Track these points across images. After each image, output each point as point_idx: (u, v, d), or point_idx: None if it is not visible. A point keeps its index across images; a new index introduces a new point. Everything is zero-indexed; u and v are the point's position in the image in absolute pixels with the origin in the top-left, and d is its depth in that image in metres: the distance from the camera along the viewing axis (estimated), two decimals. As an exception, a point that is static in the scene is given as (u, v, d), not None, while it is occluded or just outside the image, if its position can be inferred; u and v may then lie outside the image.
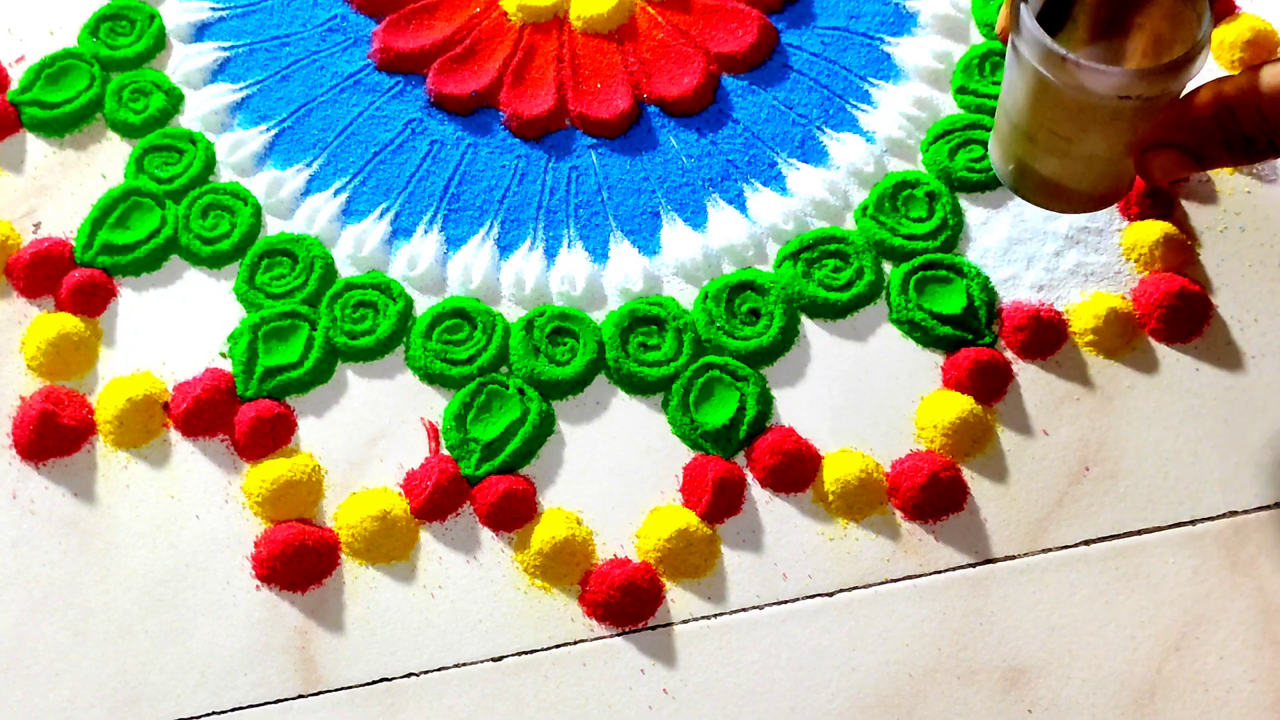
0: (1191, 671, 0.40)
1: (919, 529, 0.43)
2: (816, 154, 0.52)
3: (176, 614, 0.42)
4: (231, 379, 0.46)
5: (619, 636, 0.42)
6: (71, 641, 0.42)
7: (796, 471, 0.44)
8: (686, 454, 0.45)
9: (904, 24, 0.55)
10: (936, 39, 0.54)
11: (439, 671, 0.41)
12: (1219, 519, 0.43)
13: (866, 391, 0.46)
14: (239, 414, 0.46)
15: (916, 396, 0.45)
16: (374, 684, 0.41)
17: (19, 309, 0.49)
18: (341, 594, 0.43)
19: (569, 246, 0.50)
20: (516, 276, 0.49)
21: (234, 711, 0.41)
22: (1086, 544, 0.42)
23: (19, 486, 0.45)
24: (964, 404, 0.44)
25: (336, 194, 0.51)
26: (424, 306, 0.48)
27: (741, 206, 0.51)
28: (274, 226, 0.51)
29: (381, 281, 0.49)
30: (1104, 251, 0.48)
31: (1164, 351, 0.46)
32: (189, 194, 0.51)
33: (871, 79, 0.54)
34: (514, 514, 0.43)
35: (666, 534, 0.42)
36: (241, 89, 0.55)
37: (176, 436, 0.46)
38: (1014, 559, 0.42)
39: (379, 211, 0.51)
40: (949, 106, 0.52)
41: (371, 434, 0.46)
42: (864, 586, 0.42)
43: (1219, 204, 0.49)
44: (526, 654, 0.41)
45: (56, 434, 0.45)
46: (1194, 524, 0.43)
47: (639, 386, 0.46)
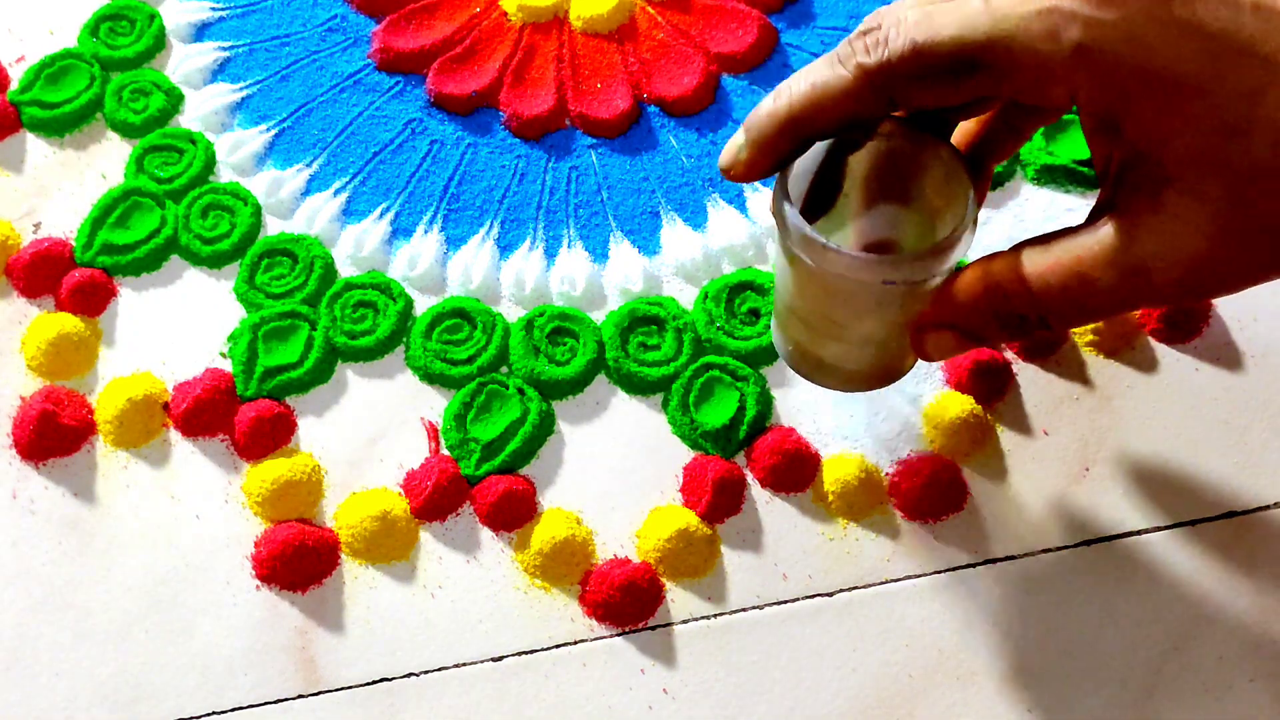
0: (1191, 671, 0.40)
1: (919, 529, 0.43)
2: (816, 154, 0.52)
3: (176, 614, 0.42)
4: (231, 379, 0.46)
5: (619, 636, 0.42)
6: (71, 641, 0.42)
7: (796, 471, 0.44)
8: (686, 454, 0.45)
9: (904, 24, 0.55)
10: (936, 39, 0.54)
11: (439, 671, 0.41)
12: (1219, 519, 0.43)
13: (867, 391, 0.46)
14: (239, 414, 0.46)
15: (917, 396, 0.45)
16: (374, 684, 0.41)
17: (19, 309, 0.49)
18: (341, 594, 0.43)
19: (569, 246, 0.50)
20: (516, 276, 0.49)
21: (234, 711, 0.41)
22: (1086, 544, 0.42)
23: (19, 486, 0.45)
24: (964, 404, 0.44)
25: (336, 194, 0.51)
26: (424, 306, 0.48)
27: (741, 206, 0.51)
28: (274, 226, 0.51)
29: (381, 281, 0.49)
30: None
31: (1164, 351, 0.46)
32: (189, 194, 0.51)
33: (871, 79, 0.54)
34: (514, 514, 0.43)
35: (666, 534, 0.42)
36: (241, 89, 0.55)
37: (176, 436, 0.46)
38: (1014, 559, 0.42)
39: (379, 211, 0.51)
40: (949, 106, 0.52)
41: (371, 434, 0.46)
42: (864, 586, 0.42)
43: (1219, 204, 0.49)
44: (526, 654, 0.41)
45: (56, 434, 0.45)
46: (1194, 524, 0.43)
47: (639, 386, 0.46)
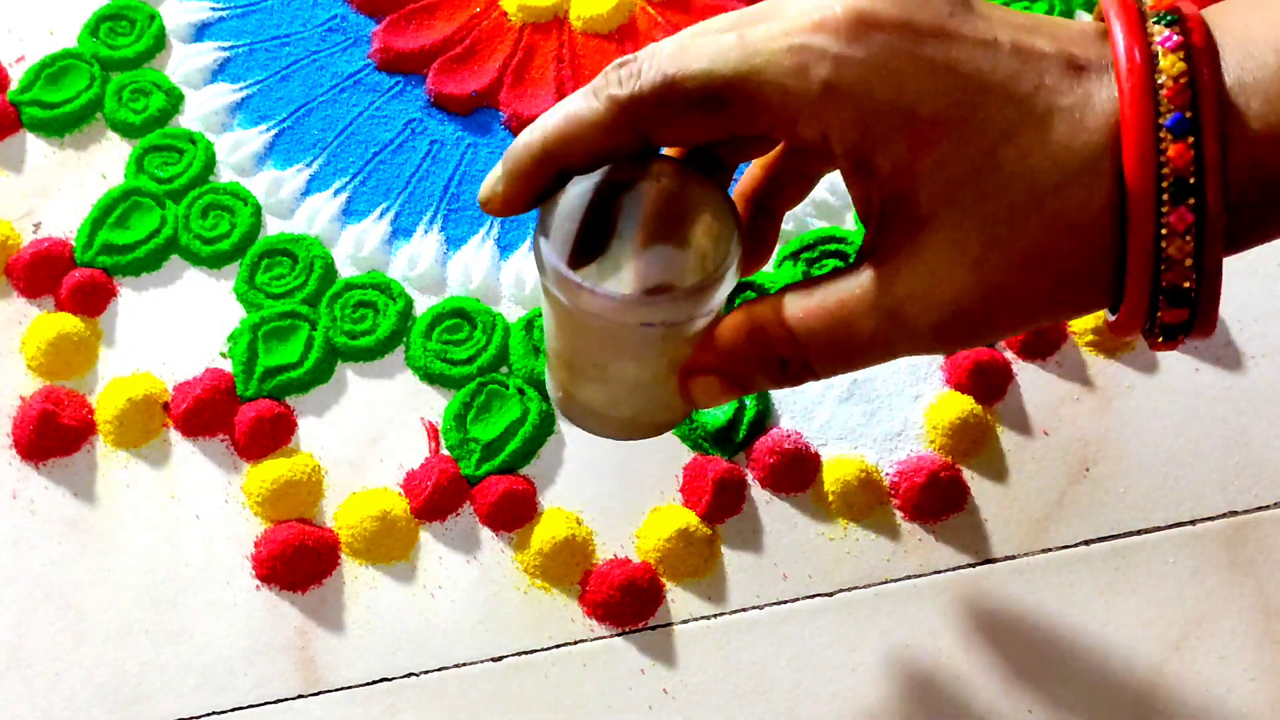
0: (1191, 671, 0.40)
1: (919, 529, 0.43)
2: (816, 154, 0.52)
3: (176, 614, 0.42)
4: (231, 379, 0.46)
5: (619, 636, 0.42)
6: (71, 641, 0.42)
7: (796, 471, 0.44)
8: (686, 454, 0.45)
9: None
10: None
11: (439, 671, 0.41)
12: (1219, 519, 0.43)
13: (867, 391, 0.46)
14: (239, 414, 0.46)
15: (917, 396, 0.45)
16: (374, 684, 0.41)
17: (19, 309, 0.49)
18: (341, 594, 0.43)
19: (569, 246, 0.50)
20: (516, 276, 0.49)
21: (234, 711, 0.41)
22: (1086, 544, 0.42)
23: (19, 486, 0.45)
24: (964, 404, 0.44)
25: (336, 194, 0.51)
26: (424, 306, 0.48)
27: (741, 206, 0.50)
28: (274, 226, 0.51)
29: (381, 281, 0.49)
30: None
31: (1164, 351, 0.46)
32: (189, 194, 0.51)
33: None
34: (514, 514, 0.43)
35: (666, 534, 0.42)
36: (241, 89, 0.55)
37: (176, 436, 0.46)
38: (1014, 559, 0.42)
39: (379, 211, 0.51)
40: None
41: (371, 434, 0.46)
42: (864, 586, 0.42)
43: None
44: (526, 654, 0.41)
45: (56, 434, 0.45)
46: (1194, 524, 0.43)
47: (639, 386, 0.46)
